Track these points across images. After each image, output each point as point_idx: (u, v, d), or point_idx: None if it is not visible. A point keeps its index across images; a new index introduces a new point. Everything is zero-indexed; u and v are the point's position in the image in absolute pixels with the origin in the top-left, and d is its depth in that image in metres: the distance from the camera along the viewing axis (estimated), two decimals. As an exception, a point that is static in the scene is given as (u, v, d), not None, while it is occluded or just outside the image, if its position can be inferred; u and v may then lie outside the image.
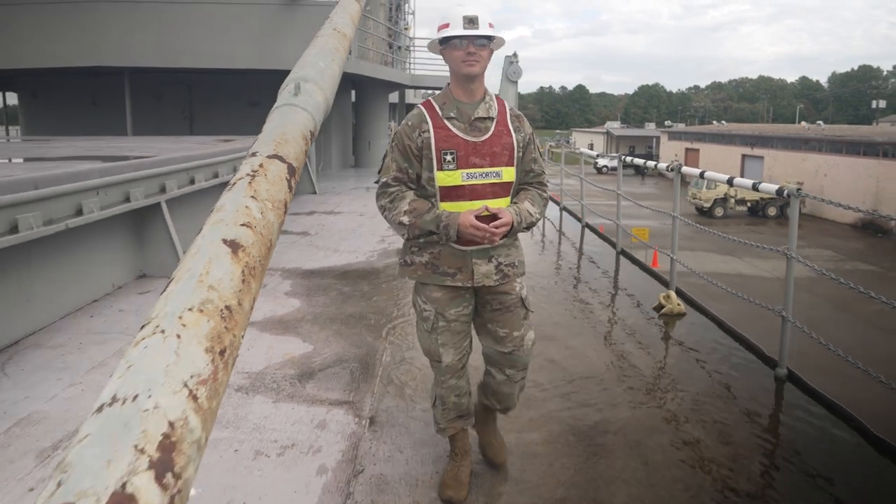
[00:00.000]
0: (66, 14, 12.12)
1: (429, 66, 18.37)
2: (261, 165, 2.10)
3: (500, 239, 2.21)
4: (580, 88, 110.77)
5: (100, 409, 0.92)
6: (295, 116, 2.90)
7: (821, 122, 47.86)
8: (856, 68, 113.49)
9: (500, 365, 2.39)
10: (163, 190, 5.46)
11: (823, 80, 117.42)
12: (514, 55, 16.25)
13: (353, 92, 17.26)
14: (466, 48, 2.19)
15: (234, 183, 2.14)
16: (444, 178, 2.21)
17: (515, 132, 2.29)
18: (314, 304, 4.78)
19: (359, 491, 2.39)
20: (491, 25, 2.22)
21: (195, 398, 0.94)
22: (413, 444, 2.73)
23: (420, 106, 2.32)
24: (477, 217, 2.16)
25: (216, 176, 6.65)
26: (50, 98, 15.43)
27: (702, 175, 5.37)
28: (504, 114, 2.30)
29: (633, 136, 66.23)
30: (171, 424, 0.86)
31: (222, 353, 1.06)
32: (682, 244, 5.74)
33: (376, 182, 2.34)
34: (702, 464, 2.64)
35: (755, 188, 4.21)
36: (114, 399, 0.92)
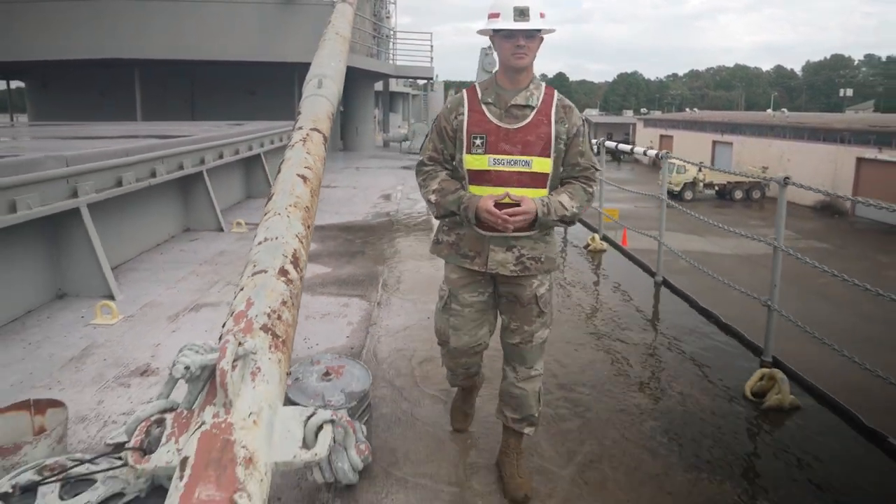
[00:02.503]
0: (82, 10, 13.36)
1: (411, 56, 19.76)
2: (307, 134, 3.81)
3: (527, 230, 2.19)
4: (560, 76, 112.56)
5: (259, 244, 2.52)
6: (321, 103, 4.60)
7: (785, 111, 49.86)
8: (829, 57, 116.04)
9: (510, 360, 2.41)
10: (202, 161, 6.89)
11: (798, 69, 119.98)
12: (489, 47, 17.70)
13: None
14: (516, 40, 2.15)
15: (293, 145, 3.89)
16: (472, 161, 2.21)
17: (557, 123, 2.22)
18: (327, 246, 6.29)
19: (372, 333, 3.93)
20: (542, 15, 2.16)
21: (301, 241, 2.52)
22: (406, 313, 4.28)
23: (464, 90, 2.35)
24: (497, 203, 2.13)
25: (237, 153, 8.10)
26: (59, 87, 16.58)
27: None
28: (549, 104, 2.24)
29: (611, 123, 67.98)
30: (294, 249, 2.42)
31: (308, 226, 2.63)
32: (651, 224, 6.51)
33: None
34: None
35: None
36: (265, 239, 2.50)
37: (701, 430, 2.88)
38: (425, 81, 21.24)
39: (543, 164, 2.19)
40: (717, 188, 36.23)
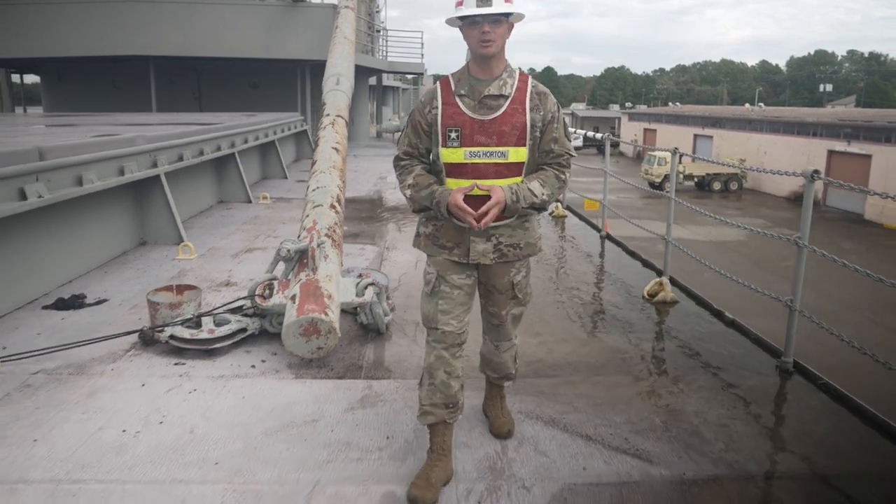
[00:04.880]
0: (99, 9, 14.60)
1: (402, 52, 21.10)
2: (334, 120, 5.39)
3: (499, 219, 2.18)
4: (548, 70, 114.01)
5: (313, 190, 4.10)
6: (340, 97, 6.14)
7: (762, 105, 51.67)
8: (812, 53, 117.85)
9: (491, 336, 2.54)
10: (233, 145, 8.25)
11: (783, 64, 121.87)
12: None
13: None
14: (481, 27, 2.10)
15: (325, 126, 5.54)
16: (448, 154, 2.18)
17: (532, 111, 2.19)
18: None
19: (384, 264, 5.33)
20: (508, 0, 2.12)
21: (340, 189, 4.08)
22: (408, 252, 5.68)
23: (437, 82, 2.30)
24: (467, 195, 2.12)
25: (258, 139, 9.47)
26: (74, 80, 17.77)
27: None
28: (524, 91, 2.20)
29: (597, 117, 69.63)
30: (337, 193, 4.00)
31: (343, 180, 4.16)
32: (631, 213, 7.60)
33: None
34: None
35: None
36: (318, 187, 4.05)
37: (614, 315, 4.30)
38: (414, 76, 22.54)
39: (519, 154, 2.19)
40: (696, 179, 37.80)
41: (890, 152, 27.04)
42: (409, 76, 32.63)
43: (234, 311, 3.66)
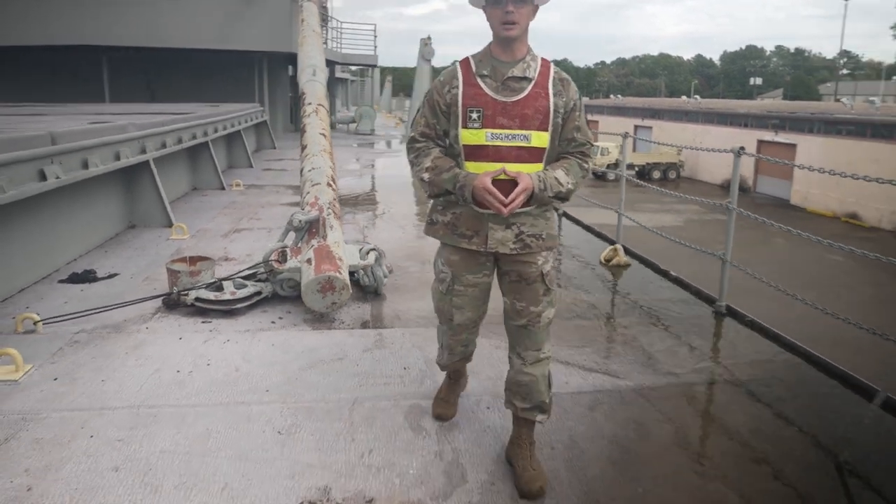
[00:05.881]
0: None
1: (355, 44, 21.35)
2: (317, 108, 5.91)
3: (523, 206, 2.09)
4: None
5: (309, 171, 4.66)
6: (319, 87, 6.61)
7: (698, 97, 54.16)
8: (744, 48, 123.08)
9: (517, 344, 2.30)
10: (206, 134, 8.52)
11: (717, 59, 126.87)
12: (429, 38, 19.55)
13: (290, 68, 20.11)
14: (505, 6, 2.05)
15: (309, 114, 6.05)
16: (469, 136, 2.11)
17: (555, 96, 2.14)
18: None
19: (376, 220, 5.84)
20: None
21: (332, 169, 4.59)
22: (382, 230, 6.18)
23: (456, 62, 2.22)
24: (494, 180, 2.05)
25: (225, 128, 9.74)
26: (17, 71, 17.25)
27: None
28: (546, 76, 2.15)
29: (543, 109, 71.31)
30: (330, 173, 4.53)
31: (333, 161, 4.68)
32: (580, 202, 8.42)
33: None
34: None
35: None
36: (312, 168, 4.63)
37: (578, 275, 4.96)
38: (360, 68, 22.81)
39: (542, 139, 2.12)
40: (637, 168, 39.49)
41: (812, 141, 29.06)
42: (353, 68, 32.71)
43: (246, 277, 4.11)
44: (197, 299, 3.81)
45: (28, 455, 2.34)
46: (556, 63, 2.22)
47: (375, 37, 20.49)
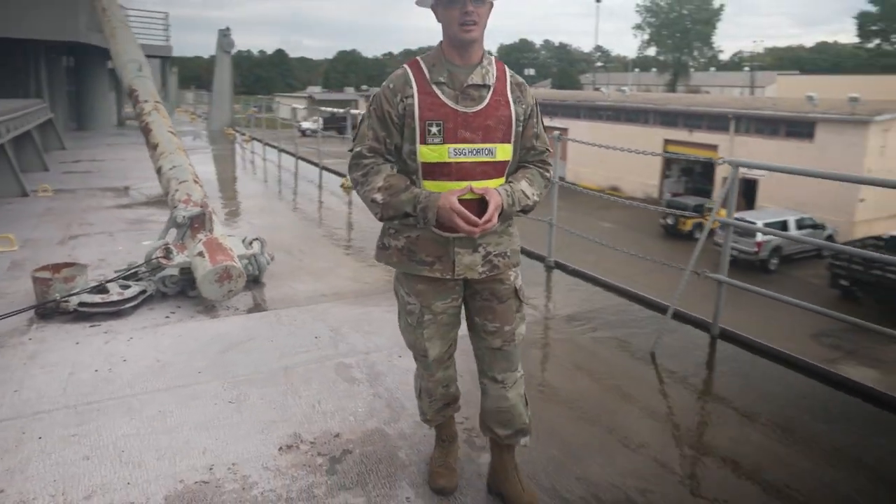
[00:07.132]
0: None
1: (144, 34, 19.71)
2: (155, 106, 5.95)
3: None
4: (280, 53, 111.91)
5: (171, 168, 4.78)
6: (149, 83, 6.57)
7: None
8: (518, 41, 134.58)
9: (492, 368, 2.14)
10: (9, 130, 7.65)
11: (495, 50, 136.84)
12: (227, 29, 18.86)
13: (66, 58, 17.96)
14: (463, 6, 1.85)
15: (149, 112, 6.10)
16: (428, 153, 1.89)
17: (515, 103, 1.96)
18: (142, 199, 7.78)
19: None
20: None
21: (192, 166, 4.79)
22: (232, 229, 6.30)
23: (405, 66, 1.98)
24: (460, 199, 1.85)
25: (17, 128, 8.74)
26: None
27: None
28: (504, 81, 1.97)
29: (334, 99, 71.04)
30: (193, 170, 4.71)
31: (191, 164, 4.89)
32: None
33: (350, 151, 2.02)
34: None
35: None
36: (174, 166, 4.71)
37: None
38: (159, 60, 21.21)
39: (506, 151, 1.96)
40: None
41: (581, 126, 33.38)
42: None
43: (126, 277, 4.12)
44: (81, 304, 3.77)
45: (-18, 461, 2.36)
46: (346, 53, 2.55)
47: (168, 26, 19.13)
